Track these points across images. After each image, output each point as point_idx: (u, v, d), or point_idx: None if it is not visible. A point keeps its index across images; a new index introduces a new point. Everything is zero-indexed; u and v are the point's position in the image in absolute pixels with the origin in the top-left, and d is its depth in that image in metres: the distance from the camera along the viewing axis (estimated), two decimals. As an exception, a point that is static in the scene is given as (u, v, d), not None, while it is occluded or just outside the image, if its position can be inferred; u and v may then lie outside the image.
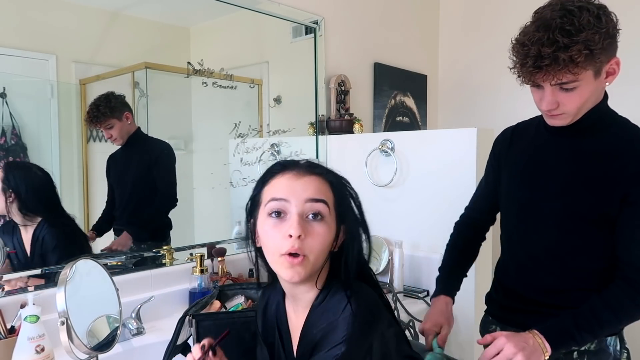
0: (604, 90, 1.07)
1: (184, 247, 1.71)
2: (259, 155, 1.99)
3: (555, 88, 0.98)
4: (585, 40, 0.90)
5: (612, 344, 1.08)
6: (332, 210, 0.83)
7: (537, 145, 1.15)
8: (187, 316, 1.11)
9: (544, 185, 1.10)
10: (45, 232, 1.40)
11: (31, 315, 1.01)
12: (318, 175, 0.85)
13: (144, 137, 1.64)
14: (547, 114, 1.05)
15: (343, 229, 0.85)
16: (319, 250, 0.80)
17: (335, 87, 2.22)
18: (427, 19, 2.90)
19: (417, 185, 1.89)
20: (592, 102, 1.03)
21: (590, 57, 0.92)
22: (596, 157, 1.04)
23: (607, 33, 0.93)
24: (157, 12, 1.67)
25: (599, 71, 0.98)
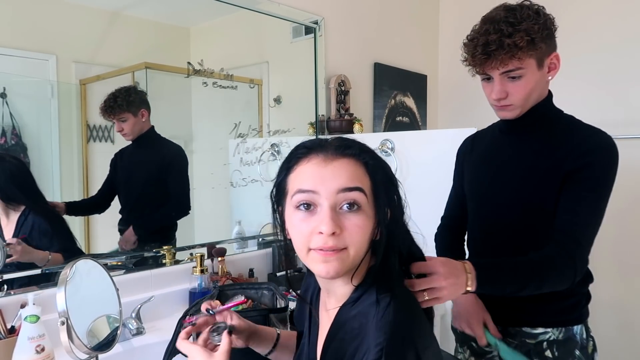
0: (548, 87, 1.15)
1: (184, 247, 1.71)
2: (259, 155, 1.99)
3: (503, 78, 1.07)
4: (526, 28, 1.01)
5: (579, 332, 1.13)
6: (370, 197, 0.72)
7: (492, 146, 1.24)
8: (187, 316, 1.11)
9: (498, 179, 1.18)
10: (32, 219, 1.38)
11: (31, 315, 1.01)
12: (350, 157, 0.73)
13: (157, 137, 1.63)
14: (497, 105, 1.13)
15: (388, 213, 0.75)
16: (359, 242, 0.71)
17: (335, 87, 2.22)
18: (427, 19, 2.90)
19: (417, 185, 1.89)
20: (537, 95, 1.11)
21: (531, 44, 1.02)
22: (542, 151, 1.12)
23: (545, 25, 1.04)
24: (157, 12, 1.67)
25: (541, 62, 1.07)
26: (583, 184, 1.06)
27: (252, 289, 1.47)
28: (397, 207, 0.77)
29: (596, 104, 2.32)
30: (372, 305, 0.71)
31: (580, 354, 1.13)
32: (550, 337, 1.13)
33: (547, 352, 1.13)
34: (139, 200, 1.65)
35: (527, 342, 1.15)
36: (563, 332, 1.13)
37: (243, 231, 1.93)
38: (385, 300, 0.71)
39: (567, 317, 1.14)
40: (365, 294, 0.74)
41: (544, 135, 1.13)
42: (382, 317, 0.69)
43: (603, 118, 2.29)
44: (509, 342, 1.17)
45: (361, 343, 0.70)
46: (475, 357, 1.28)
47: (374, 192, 0.73)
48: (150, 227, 1.67)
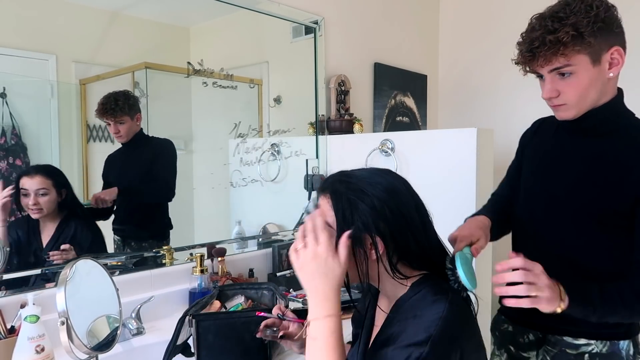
0: (615, 85, 1.06)
1: (184, 247, 1.71)
2: (259, 155, 1.99)
3: (553, 75, 1.01)
4: (574, 22, 0.95)
5: (625, 347, 1.07)
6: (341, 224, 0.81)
7: (555, 142, 1.16)
8: (187, 316, 1.11)
9: (556, 181, 1.11)
10: (74, 227, 1.46)
11: (31, 315, 1.01)
12: (322, 195, 0.85)
13: (146, 137, 1.64)
14: (550, 104, 1.06)
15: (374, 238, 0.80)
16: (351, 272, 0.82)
17: (335, 87, 2.22)
18: (427, 19, 2.90)
19: (417, 185, 1.88)
20: (595, 94, 1.02)
21: (578, 38, 0.95)
22: (607, 159, 1.04)
23: (598, 17, 0.95)
24: (157, 12, 1.67)
25: (597, 58, 0.99)
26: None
27: (252, 289, 1.47)
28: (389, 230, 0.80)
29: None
30: (429, 302, 0.77)
31: None
32: (593, 349, 1.07)
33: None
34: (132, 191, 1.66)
35: (568, 352, 1.10)
36: (608, 345, 1.07)
37: (243, 231, 1.93)
38: (442, 300, 0.76)
39: (613, 330, 1.07)
40: (420, 292, 0.80)
41: (609, 141, 1.05)
42: (437, 313, 0.74)
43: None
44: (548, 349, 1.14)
45: (412, 325, 0.75)
46: (511, 359, 1.24)
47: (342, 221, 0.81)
48: (143, 220, 1.68)
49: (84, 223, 1.49)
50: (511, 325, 1.23)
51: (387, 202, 0.81)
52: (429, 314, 0.75)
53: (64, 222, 1.44)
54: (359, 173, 0.86)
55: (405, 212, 0.82)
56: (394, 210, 0.81)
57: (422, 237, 0.83)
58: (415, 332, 0.73)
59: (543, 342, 1.15)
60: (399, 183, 0.87)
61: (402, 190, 0.85)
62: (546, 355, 1.14)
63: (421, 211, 0.86)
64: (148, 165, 1.70)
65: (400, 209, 0.81)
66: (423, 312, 0.76)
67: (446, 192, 1.78)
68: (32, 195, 1.37)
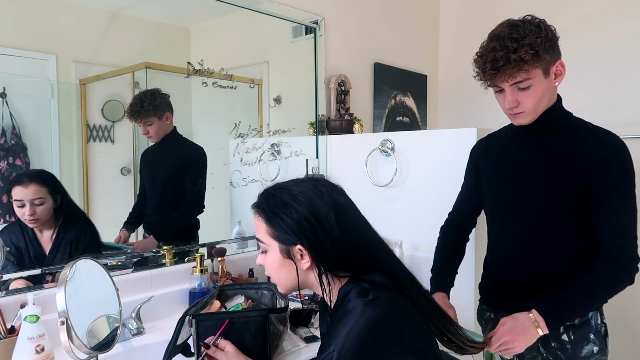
0: (557, 92, 1.22)
1: (184, 247, 1.71)
2: (259, 155, 1.99)
3: (513, 88, 1.16)
4: (530, 43, 1.10)
5: (594, 317, 1.21)
6: (270, 240, 0.91)
7: (511, 149, 1.30)
8: (187, 316, 1.11)
9: (522, 180, 1.25)
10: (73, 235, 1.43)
11: (31, 315, 1.01)
12: (254, 211, 0.94)
13: (180, 139, 1.68)
14: (510, 113, 1.21)
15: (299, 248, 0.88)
16: (274, 274, 0.94)
17: (335, 87, 2.22)
18: (427, 19, 2.90)
19: (417, 185, 1.89)
20: (546, 101, 1.19)
21: (536, 56, 1.11)
22: (558, 153, 1.20)
23: (547, 37, 1.12)
24: (157, 12, 1.67)
25: (547, 71, 1.15)
26: (612, 194, 1.14)
27: (252, 289, 1.47)
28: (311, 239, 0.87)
29: (597, 104, 2.32)
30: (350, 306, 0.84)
31: (595, 338, 1.20)
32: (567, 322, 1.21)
33: (564, 336, 1.21)
34: (162, 200, 1.69)
35: None
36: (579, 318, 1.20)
37: (243, 231, 1.93)
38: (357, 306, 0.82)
39: None
40: (344, 299, 0.86)
41: (557, 139, 1.21)
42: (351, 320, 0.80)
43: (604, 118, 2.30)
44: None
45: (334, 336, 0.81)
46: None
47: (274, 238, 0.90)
48: (171, 226, 1.71)
49: (83, 226, 1.47)
50: (492, 312, 1.36)
51: (306, 213, 0.87)
52: (345, 322, 0.81)
53: (62, 227, 1.42)
54: (285, 185, 0.93)
55: (323, 219, 0.87)
56: (311, 220, 0.87)
57: (339, 242, 0.87)
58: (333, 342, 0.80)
59: None
60: (319, 192, 0.89)
61: (319, 198, 0.88)
62: None
63: (341, 215, 0.88)
64: (178, 172, 1.73)
65: (317, 218, 0.87)
66: (342, 323, 0.82)
67: (446, 192, 1.78)
68: (27, 205, 1.32)
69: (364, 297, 0.83)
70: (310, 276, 0.91)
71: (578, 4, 2.40)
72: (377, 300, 0.82)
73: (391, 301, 0.85)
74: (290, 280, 0.91)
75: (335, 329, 0.82)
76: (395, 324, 0.83)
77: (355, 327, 0.78)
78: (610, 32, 2.31)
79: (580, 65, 2.37)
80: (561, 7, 2.45)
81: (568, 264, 1.21)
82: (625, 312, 2.28)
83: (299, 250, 0.88)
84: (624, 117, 2.27)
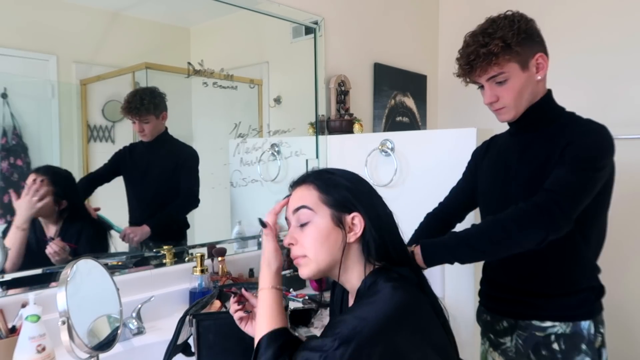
0: (544, 86, 1.20)
1: (184, 247, 1.71)
2: (259, 155, 2.00)
3: (491, 84, 1.16)
4: (502, 36, 1.10)
5: (586, 327, 1.17)
6: (321, 207, 0.88)
7: (503, 149, 1.30)
8: (187, 316, 1.12)
9: (511, 180, 1.23)
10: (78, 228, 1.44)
11: (32, 314, 1.01)
12: (301, 185, 0.93)
13: (171, 139, 1.67)
14: (492, 109, 1.21)
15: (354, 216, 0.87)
16: (314, 248, 0.87)
17: (335, 87, 2.22)
18: (427, 19, 2.91)
19: (417, 185, 1.90)
20: (529, 95, 1.17)
21: (507, 49, 1.11)
22: (544, 149, 1.16)
23: (520, 29, 1.11)
24: (157, 12, 1.68)
25: (525, 64, 1.14)
26: (571, 160, 1.08)
27: (252, 288, 1.47)
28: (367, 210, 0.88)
29: (596, 104, 2.32)
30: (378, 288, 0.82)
31: (587, 348, 1.16)
32: (558, 330, 1.17)
33: (554, 345, 1.18)
34: (154, 200, 1.68)
35: (537, 334, 1.20)
36: (571, 326, 1.17)
37: (243, 231, 1.93)
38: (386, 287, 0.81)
39: (575, 312, 1.17)
40: (373, 282, 0.85)
41: (545, 133, 1.18)
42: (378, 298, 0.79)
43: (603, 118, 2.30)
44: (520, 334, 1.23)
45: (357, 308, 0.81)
46: (492, 347, 1.34)
47: (324, 201, 0.88)
48: (164, 225, 1.69)
49: (86, 220, 1.48)
50: (489, 315, 1.34)
51: (362, 193, 0.90)
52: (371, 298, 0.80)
53: (67, 222, 1.43)
54: (336, 171, 0.94)
55: (376, 198, 0.92)
56: (367, 201, 0.89)
57: (385, 224, 0.90)
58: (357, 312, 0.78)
59: (515, 328, 1.25)
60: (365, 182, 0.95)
61: (371, 187, 0.94)
62: (518, 339, 1.24)
63: (384, 206, 0.93)
64: (172, 173, 1.72)
65: (371, 201, 0.90)
66: (370, 298, 0.81)
67: (446, 192, 1.78)
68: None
69: (392, 281, 0.82)
70: (350, 254, 0.88)
71: (577, 4, 2.41)
72: (405, 287, 0.82)
73: (417, 294, 0.85)
74: (332, 255, 0.87)
75: (359, 306, 0.81)
76: (422, 313, 0.83)
77: (384, 306, 0.77)
78: (610, 32, 2.31)
79: (580, 65, 2.37)
80: (560, 7, 2.45)
81: (557, 267, 1.17)
82: (626, 312, 2.29)
83: (352, 218, 0.87)
84: (624, 118, 2.27)
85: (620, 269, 2.27)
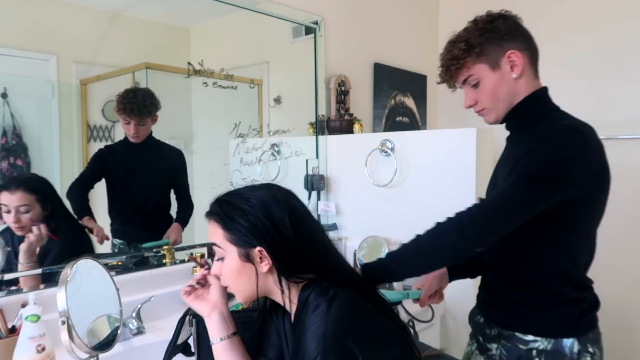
0: (528, 84, 1.13)
1: (184, 247, 1.71)
2: (259, 155, 2.00)
3: (467, 87, 1.16)
4: (465, 39, 1.12)
5: (569, 346, 1.09)
6: (228, 245, 0.90)
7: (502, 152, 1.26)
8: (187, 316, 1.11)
9: (494, 184, 1.22)
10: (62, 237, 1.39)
11: (32, 314, 1.01)
12: (209, 219, 0.94)
13: (157, 141, 1.66)
14: (476, 112, 1.19)
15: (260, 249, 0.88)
16: (231, 282, 0.92)
17: (335, 87, 2.22)
18: (427, 19, 2.91)
19: (417, 185, 1.90)
20: (506, 95, 1.12)
21: (468, 50, 1.11)
22: (517, 150, 1.09)
23: (484, 29, 1.11)
24: (158, 12, 1.68)
25: (496, 64, 1.10)
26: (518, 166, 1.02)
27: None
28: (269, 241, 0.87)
29: (595, 104, 2.33)
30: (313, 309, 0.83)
31: None
32: (539, 346, 1.11)
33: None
34: (147, 202, 1.67)
35: (520, 347, 1.15)
36: (552, 343, 1.10)
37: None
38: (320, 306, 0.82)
39: (556, 327, 1.11)
40: (305, 302, 0.86)
41: (524, 136, 1.11)
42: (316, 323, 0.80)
43: (602, 118, 2.30)
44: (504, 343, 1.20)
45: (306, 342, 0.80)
46: (479, 351, 1.30)
47: (231, 243, 0.89)
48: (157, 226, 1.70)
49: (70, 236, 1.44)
50: (483, 317, 1.28)
51: (260, 215, 0.88)
52: (311, 327, 0.80)
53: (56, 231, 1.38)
54: (238, 191, 0.94)
55: (277, 221, 0.88)
56: (266, 222, 0.87)
57: (293, 243, 0.88)
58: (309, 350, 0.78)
59: (501, 337, 1.21)
60: (272, 195, 0.91)
61: (273, 202, 0.90)
62: (502, 349, 1.20)
63: (295, 217, 0.89)
64: (166, 175, 1.72)
65: (272, 220, 0.88)
66: (309, 324, 0.81)
67: (446, 192, 1.78)
68: (12, 212, 1.28)
69: (325, 295, 0.83)
70: (269, 281, 0.90)
71: (578, 4, 2.40)
72: (339, 295, 0.83)
73: (351, 295, 0.86)
74: (250, 286, 0.90)
75: (304, 335, 0.82)
76: (363, 315, 0.84)
77: (328, 327, 0.78)
78: (610, 32, 2.31)
79: (580, 65, 2.37)
80: (561, 7, 2.45)
81: (537, 277, 1.12)
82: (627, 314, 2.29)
83: (258, 252, 0.88)
84: (624, 118, 2.27)
85: (622, 269, 2.27)
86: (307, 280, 0.89)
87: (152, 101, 1.59)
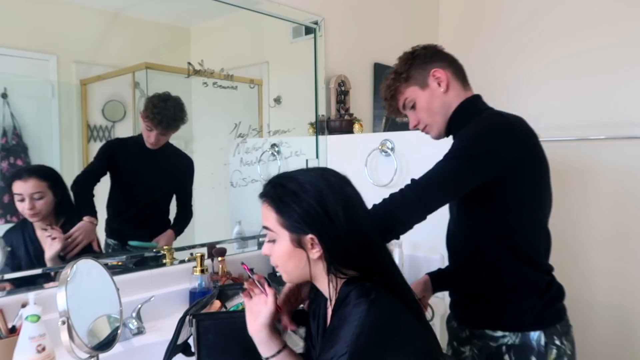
0: (458, 95, 1.24)
1: (184, 247, 1.71)
2: (259, 155, 2.00)
3: (408, 110, 1.27)
4: (394, 70, 1.28)
5: (536, 339, 1.11)
6: (280, 229, 0.89)
7: None
8: (187, 316, 1.12)
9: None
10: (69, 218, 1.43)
11: (32, 314, 1.01)
12: (263, 201, 0.93)
13: (171, 146, 1.67)
14: (421, 131, 1.30)
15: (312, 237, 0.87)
16: (282, 262, 0.91)
17: (335, 87, 2.22)
18: (427, 19, 2.90)
19: (417, 185, 1.89)
20: (441, 107, 1.23)
21: (397, 77, 1.25)
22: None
23: (407, 60, 1.27)
24: (158, 12, 1.68)
25: (424, 83, 1.23)
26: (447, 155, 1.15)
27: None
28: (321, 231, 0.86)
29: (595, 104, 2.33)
30: (353, 306, 0.83)
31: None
32: (508, 341, 1.14)
33: (505, 357, 1.14)
34: (151, 204, 1.68)
35: (490, 344, 1.16)
36: (520, 337, 1.12)
37: (243, 231, 1.93)
38: (361, 306, 0.82)
39: (522, 320, 1.13)
40: (347, 297, 0.86)
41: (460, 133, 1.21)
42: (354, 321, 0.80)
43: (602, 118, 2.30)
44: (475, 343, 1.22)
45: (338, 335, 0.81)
46: (454, 355, 1.32)
47: (281, 223, 0.88)
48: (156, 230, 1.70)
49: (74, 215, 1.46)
50: (456, 322, 1.32)
51: (314, 203, 0.86)
52: (347, 325, 0.80)
53: (63, 227, 1.41)
54: (293, 174, 0.92)
55: (330, 211, 0.86)
56: (319, 210, 0.86)
57: (345, 235, 0.86)
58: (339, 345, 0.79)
59: (472, 337, 1.23)
60: (327, 182, 0.89)
61: (328, 189, 0.88)
62: (474, 349, 1.22)
63: (349, 208, 0.88)
64: (175, 180, 1.74)
65: (325, 209, 0.86)
66: (346, 320, 0.81)
67: (446, 192, 1.78)
68: (27, 199, 1.33)
69: (367, 296, 0.82)
70: (319, 267, 0.89)
71: (577, 4, 2.41)
72: (380, 300, 0.83)
73: (392, 301, 0.85)
74: (298, 271, 0.90)
75: (340, 328, 0.82)
76: (402, 323, 0.83)
77: (364, 331, 0.78)
78: (610, 32, 2.31)
79: (580, 65, 2.37)
80: (560, 7, 2.45)
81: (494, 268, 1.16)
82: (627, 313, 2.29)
83: (310, 239, 0.86)
84: (624, 118, 2.27)
85: (621, 269, 2.27)
86: (350, 277, 0.88)
87: (181, 115, 1.61)
